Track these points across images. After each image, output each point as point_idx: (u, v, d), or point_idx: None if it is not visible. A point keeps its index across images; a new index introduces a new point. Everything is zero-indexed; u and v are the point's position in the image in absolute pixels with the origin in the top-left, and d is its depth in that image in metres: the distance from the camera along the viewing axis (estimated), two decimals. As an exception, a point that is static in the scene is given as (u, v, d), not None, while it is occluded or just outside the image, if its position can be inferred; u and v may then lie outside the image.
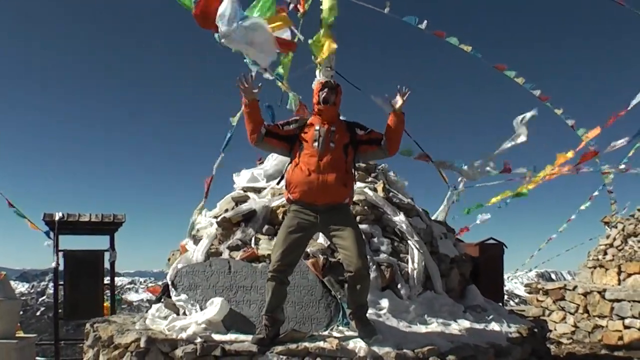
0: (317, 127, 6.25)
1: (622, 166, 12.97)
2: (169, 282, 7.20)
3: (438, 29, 9.94)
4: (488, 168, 9.31)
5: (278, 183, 7.31)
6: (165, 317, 6.83)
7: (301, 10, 9.08)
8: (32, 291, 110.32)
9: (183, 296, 6.92)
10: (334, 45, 8.59)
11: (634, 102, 9.62)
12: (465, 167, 9.21)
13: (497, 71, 10.68)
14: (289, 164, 6.46)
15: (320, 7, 8.74)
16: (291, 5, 9.11)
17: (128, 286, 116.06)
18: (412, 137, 9.61)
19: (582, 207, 17.30)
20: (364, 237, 7.01)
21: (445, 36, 10.08)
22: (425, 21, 9.58)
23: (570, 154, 11.02)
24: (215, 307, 6.40)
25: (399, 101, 6.24)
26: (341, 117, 6.53)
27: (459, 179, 10.93)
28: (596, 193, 16.68)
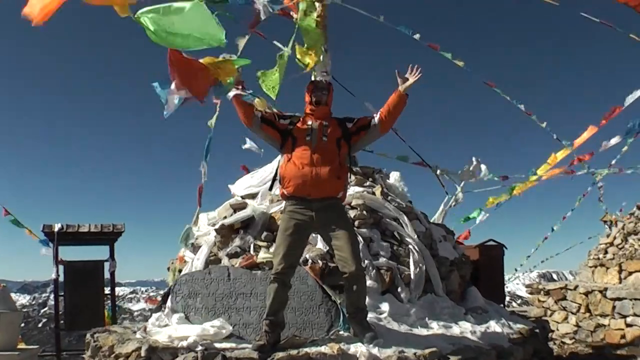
0: (310, 122, 6.33)
1: (612, 169, 13.07)
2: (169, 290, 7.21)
3: (433, 37, 10.07)
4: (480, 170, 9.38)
5: (270, 188, 7.32)
6: (166, 326, 6.82)
7: (295, 16, 9.08)
8: (33, 303, 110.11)
9: (183, 304, 6.92)
10: (316, 59, 8.65)
11: (629, 99, 9.61)
12: (459, 172, 9.26)
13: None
14: (281, 160, 6.49)
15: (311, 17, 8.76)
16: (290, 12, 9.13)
17: (130, 296, 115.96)
18: (407, 142, 9.64)
19: (576, 205, 17.38)
20: (362, 241, 7.02)
21: (440, 49, 10.16)
22: (418, 34, 9.64)
23: (560, 154, 11.10)
24: (214, 328, 6.39)
25: (409, 79, 6.27)
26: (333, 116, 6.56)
27: (459, 186, 10.98)
28: (589, 189, 16.75)
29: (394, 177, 9.31)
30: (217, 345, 6.10)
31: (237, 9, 8.50)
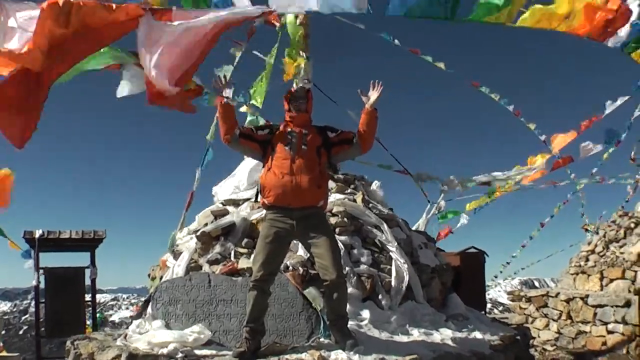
0: (289, 131, 6.31)
1: (593, 179, 13.18)
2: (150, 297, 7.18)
3: (417, 43, 10.20)
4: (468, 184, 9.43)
5: (256, 199, 7.33)
6: (146, 333, 6.79)
7: (277, 25, 9.11)
8: (14, 310, 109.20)
9: (163, 311, 6.90)
10: (298, 64, 8.69)
11: (609, 108, 9.68)
12: (446, 180, 9.30)
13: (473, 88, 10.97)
14: (262, 169, 6.46)
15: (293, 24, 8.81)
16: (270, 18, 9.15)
17: (111, 303, 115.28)
18: (389, 151, 9.66)
19: (555, 212, 17.48)
20: (343, 248, 7.01)
21: (421, 53, 10.23)
22: (397, 40, 9.70)
23: (539, 158, 11.14)
24: (194, 334, 6.37)
25: (372, 96, 6.26)
26: (312, 123, 6.54)
27: (441, 194, 11.02)
28: (569, 196, 16.85)
29: (374, 186, 9.32)
30: (197, 352, 6.08)
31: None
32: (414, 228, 10.06)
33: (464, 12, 6.32)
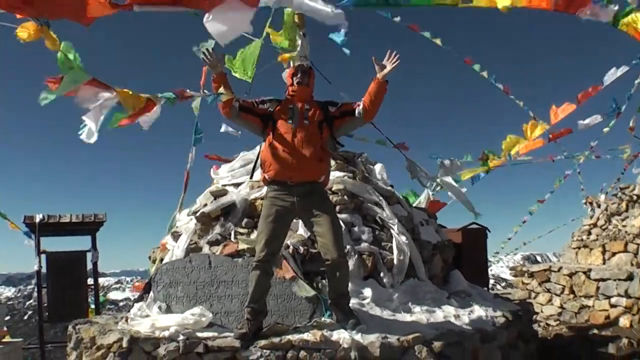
0: (291, 106, 6.28)
1: (590, 154, 13.15)
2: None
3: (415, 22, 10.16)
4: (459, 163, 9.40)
5: (251, 176, 7.30)
6: (147, 316, 6.77)
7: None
8: (18, 295, 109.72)
9: (164, 294, 6.88)
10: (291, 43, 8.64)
11: (607, 79, 9.55)
12: (441, 162, 9.25)
13: (466, 65, 11.01)
14: (262, 143, 6.44)
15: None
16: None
17: (115, 286, 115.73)
18: (384, 134, 9.63)
19: (555, 187, 17.43)
20: (344, 226, 6.97)
21: (419, 30, 10.21)
22: (398, 17, 9.65)
23: (538, 127, 11.10)
24: (194, 317, 6.35)
25: (387, 67, 6.19)
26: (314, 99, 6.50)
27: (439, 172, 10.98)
28: (568, 172, 16.79)
29: (378, 169, 9.26)
30: (199, 334, 6.07)
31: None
32: (414, 205, 10.03)
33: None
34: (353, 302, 6.39)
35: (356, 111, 6.32)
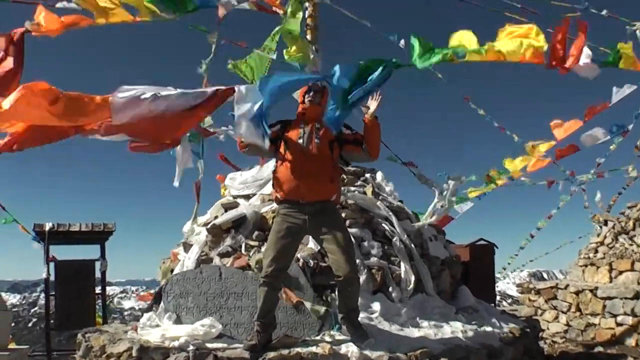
0: (302, 125, 6.28)
1: (594, 174, 13.17)
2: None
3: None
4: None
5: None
6: (157, 326, 6.81)
7: (280, 12, 9.09)
8: (23, 302, 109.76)
9: (174, 304, 6.92)
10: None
11: (615, 97, 9.53)
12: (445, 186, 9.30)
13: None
14: (275, 164, 6.46)
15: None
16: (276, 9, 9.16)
17: (120, 295, 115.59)
18: (392, 151, 9.67)
19: (561, 204, 17.42)
20: (354, 241, 7.01)
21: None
22: (403, 40, 9.74)
23: (543, 146, 11.17)
24: (204, 328, 6.40)
25: (371, 105, 6.23)
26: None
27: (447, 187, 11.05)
28: (574, 189, 16.79)
29: (379, 177, 9.30)
30: (209, 345, 6.10)
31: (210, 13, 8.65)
32: (422, 220, 10.06)
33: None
34: (362, 316, 6.42)
35: (363, 144, 6.34)
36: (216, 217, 8.11)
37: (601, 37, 7.89)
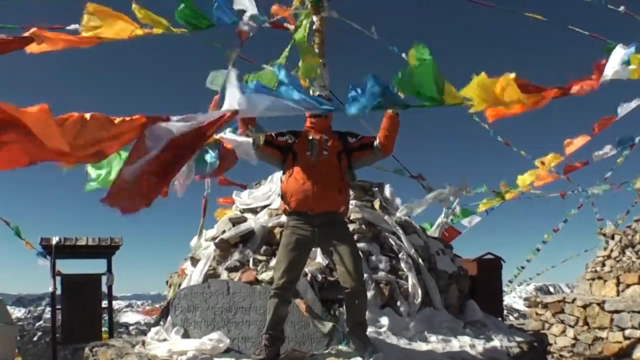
0: (310, 137, 6.29)
1: (604, 186, 13.17)
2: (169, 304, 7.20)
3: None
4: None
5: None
6: (165, 340, 6.81)
7: (292, 27, 9.12)
8: (28, 316, 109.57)
9: (182, 318, 6.92)
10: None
11: (621, 110, 9.54)
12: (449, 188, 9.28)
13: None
14: (283, 175, 6.45)
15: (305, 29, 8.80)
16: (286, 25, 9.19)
17: (125, 309, 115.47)
18: (402, 164, 9.68)
19: (568, 217, 17.40)
20: (362, 254, 7.00)
21: None
22: (404, 54, 9.75)
23: (550, 160, 11.20)
24: (212, 342, 6.40)
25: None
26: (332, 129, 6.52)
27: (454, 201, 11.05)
28: (582, 200, 16.78)
29: (387, 191, 9.31)
30: (216, 359, 6.09)
31: (226, 30, 8.64)
32: (429, 234, 10.07)
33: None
34: (370, 330, 6.40)
35: (374, 144, 6.34)
36: (224, 232, 8.12)
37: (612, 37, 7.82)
